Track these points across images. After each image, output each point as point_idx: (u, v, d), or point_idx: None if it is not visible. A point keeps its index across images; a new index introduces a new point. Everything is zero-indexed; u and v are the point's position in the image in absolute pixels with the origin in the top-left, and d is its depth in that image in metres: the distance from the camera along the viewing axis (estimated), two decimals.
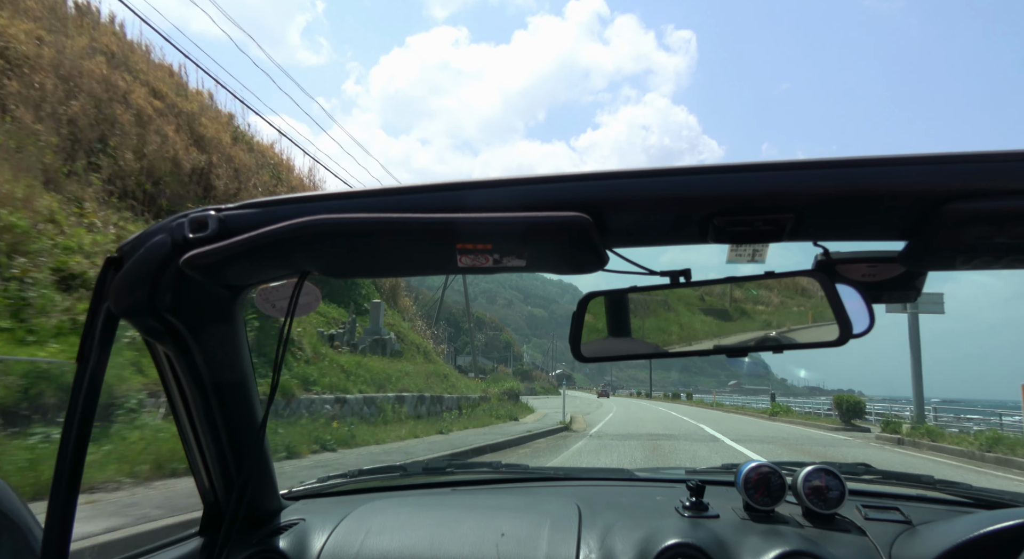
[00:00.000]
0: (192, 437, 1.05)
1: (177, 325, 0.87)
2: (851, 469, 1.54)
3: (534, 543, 1.10)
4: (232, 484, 1.08)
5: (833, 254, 0.88)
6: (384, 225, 0.74)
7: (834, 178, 0.69)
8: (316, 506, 1.34)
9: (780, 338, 0.86)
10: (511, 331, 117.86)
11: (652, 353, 0.91)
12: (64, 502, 0.81)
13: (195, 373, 0.95)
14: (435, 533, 1.14)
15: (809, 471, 1.18)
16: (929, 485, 1.46)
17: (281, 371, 0.95)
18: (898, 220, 0.71)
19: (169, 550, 1.09)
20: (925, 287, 0.92)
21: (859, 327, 0.83)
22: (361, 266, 0.86)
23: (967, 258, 0.73)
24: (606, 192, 0.73)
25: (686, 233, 0.77)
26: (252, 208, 0.83)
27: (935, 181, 0.66)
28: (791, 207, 0.71)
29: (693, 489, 1.22)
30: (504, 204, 0.73)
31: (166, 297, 0.83)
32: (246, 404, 1.05)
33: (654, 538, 1.06)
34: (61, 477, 0.81)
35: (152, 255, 0.81)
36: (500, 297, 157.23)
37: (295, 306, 0.93)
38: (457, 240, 0.74)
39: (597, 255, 0.76)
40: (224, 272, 0.82)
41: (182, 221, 0.82)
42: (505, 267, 0.79)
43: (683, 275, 0.85)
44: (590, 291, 0.91)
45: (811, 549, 0.99)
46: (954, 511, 1.27)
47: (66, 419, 0.82)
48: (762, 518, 1.15)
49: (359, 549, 1.11)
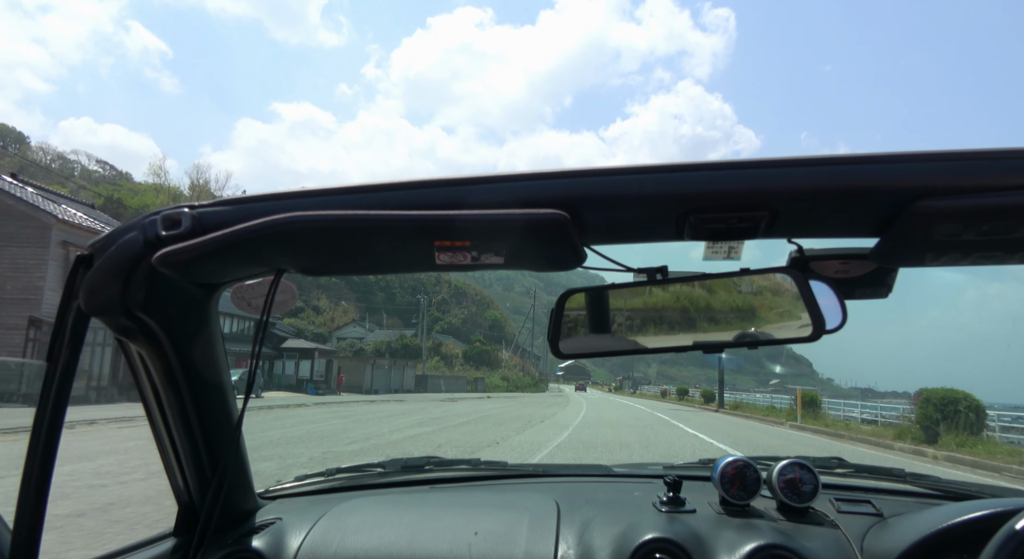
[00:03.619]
0: (166, 437, 1.03)
1: (150, 323, 0.86)
2: (824, 463, 1.57)
3: (513, 540, 1.10)
4: (207, 484, 1.06)
5: (806, 251, 0.90)
6: (360, 222, 0.73)
7: (808, 176, 0.70)
8: (293, 505, 1.33)
9: (755, 334, 0.87)
10: (503, 309, 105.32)
11: (630, 349, 0.91)
12: (33, 504, 0.79)
13: (169, 372, 0.94)
14: (413, 531, 1.14)
15: (783, 465, 1.20)
16: (900, 478, 1.49)
17: (257, 369, 0.94)
18: (869, 217, 0.73)
19: (143, 551, 1.07)
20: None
21: (832, 323, 0.85)
22: (337, 264, 0.86)
23: (936, 255, 0.75)
24: (584, 189, 0.73)
25: (663, 230, 0.78)
26: (226, 205, 0.82)
27: (905, 179, 0.68)
28: (766, 205, 0.72)
29: (670, 484, 1.24)
30: (482, 201, 0.73)
31: (138, 295, 0.81)
32: (221, 403, 1.03)
33: (632, 533, 1.07)
34: (30, 478, 0.79)
35: (123, 253, 0.80)
36: (518, 284, 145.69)
37: (271, 304, 0.92)
38: (435, 237, 0.74)
39: (575, 252, 0.77)
40: (198, 270, 0.81)
41: (154, 218, 0.80)
42: (483, 264, 0.79)
43: (660, 272, 0.86)
44: (569, 288, 0.92)
45: (785, 542, 1.01)
46: (924, 503, 1.30)
47: (35, 419, 0.80)
48: (738, 512, 1.17)
49: (336, 548, 1.10)
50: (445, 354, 66.05)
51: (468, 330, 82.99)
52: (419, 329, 46.71)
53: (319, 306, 64.04)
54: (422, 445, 10.52)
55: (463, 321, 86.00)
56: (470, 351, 71.36)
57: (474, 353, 71.56)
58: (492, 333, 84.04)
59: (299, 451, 8.98)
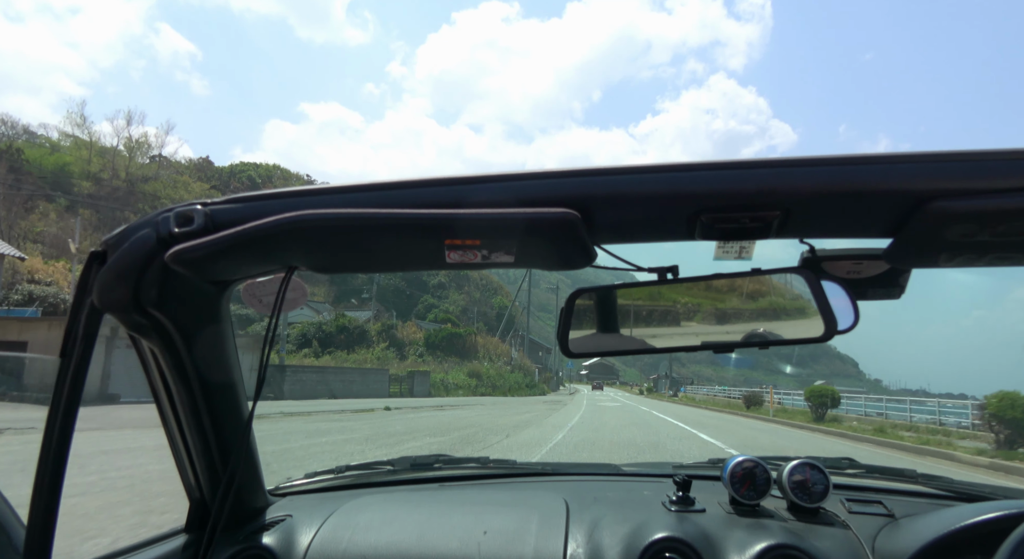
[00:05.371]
0: (178, 433, 1.04)
1: (162, 320, 0.86)
2: (835, 463, 1.56)
3: (522, 538, 1.10)
4: (218, 481, 1.07)
5: (819, 251, 0.89)
6: (372, 221, 0.73)
7: (820, 176, 0.69)
8: (303, 502, 1.34)
9: (766, 334, 0.87)
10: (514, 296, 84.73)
11: (640, 349, 0.91)
12: (47, 500, 0.80)
13: (181, 369, 0.94)
14: (422, 529, 1.14)
15: (794, 465, 1.19)
16: (911, 479, 1.48)
17: (267, 366, 0.94)
18: (883, 218, 0.72)
19: (154, 547, 1.08)
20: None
21: (844, 324, 0.84)
22: (348, 262, 0.86)
23: (950, 256, 0.74)
24: (594, 188, 0.73)
25: (674, 230, 0.78)
26: (239, 202, 0.82)
27: (919, 179, 0.67)
28: (778, 204, 0.71)
29: (680, 484, 1.23)
30: (493, 200, 0.73)
31: (151, 292, 0.82)
32: (232, 400, 1.04)
33: (641, 532, 1.07)
34: (44, 475, 0.80)
35: (137, 250, 0.80)
36: (544, 280, 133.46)
37: (282, 302, 0.92)
38: (445, 236, 0.74)
39: (586, 251, 0.77)
40: (210, 267, 0.81)
41: (167, 215, 0.81)
42: (494, 263, 0.79)
43: (671, 271, 0.86)
44: (579, 287, 0.92)
45: (795, 542, 1.00)
46: (936, 504, 1.29)
47: (49, 415, 0.81)
48: (747, 512, 1.16)
49: (346, 546, 1.11)
50: (400, 339, 47.51)
51: (470, 319, 64.43)
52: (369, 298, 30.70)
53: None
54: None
55: (463, 309, 68.60)
56: (434, 336, 50.00)
57: (440, 338, 49.72)
58: (498, 324, 62.97)
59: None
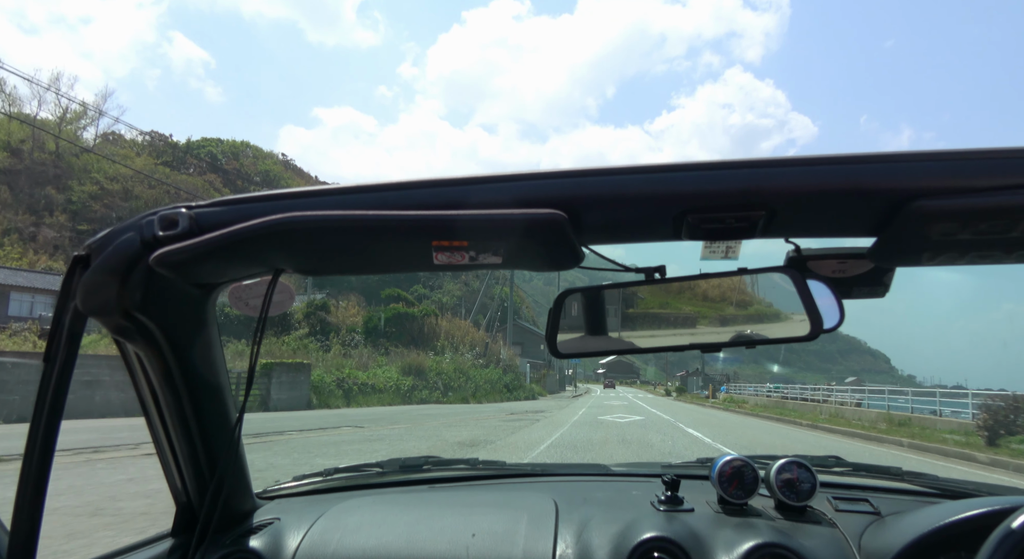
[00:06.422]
0: (164, 437, 1.03)
1: (147, 324, 0.86)
2: (822, 462, 1.58)
3: (511, 539, 1.10)
4: (205, 484, 1.06)
5: (804, 250, 0.90)
6: (358, 222, 0.73)
7: (804, 176, 0.70)
8: (291, 505, 1.33)
9: (752, 334, 0.87)
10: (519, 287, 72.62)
11: (628, 349, 0.91)
12: (31, 503, 0.79)
13: (167, 373, 0.94)
14: (411, 531, 1.14)
15: (781, 464, 1.20)
16: (897, 477, 1.50)
17: (256, 368, 0.94)
18: (866, 217, 0.73)
19: (141, 551, 1.07)
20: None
21: (829, 322, 0.85)
22: (335, 264, 0.86)
23: (933, 254, 0.75)
24: (581, 189, 0.74)
25: (661, 230, 0.78)
26: (224, 205, 0.82)
27: (902, 179, 0.68)
28: (763, 204, 0.72)
29: (668, 483, 1.24)
30: (480, 201, 0.74)
31: (135, 295, 0.81)
32: (219, 403, 1.03)
33: (630, 532, 1.07)
34: (28, 478, 0.79)
35: (121, 253, 0.80)
36: (542, 276, 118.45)
37: (269, 304, 0.92)
38: (433, 237, 0.74)
39: (573, 252, 0.77)
40: (195, 270, 0.81)
41: (151, 218, 0.80)
42: (481, 264, 0.79)
43: (658, 271, 0.86)
44: (567, 288, 0.92)
45: (783, 541, 1.01)
46: (921, 502, 1.30)
47: (33, 418, 0.80)
48: (736, 511, 1.17)
49: (335, 548, 1.10)
50: (334, 324, 32.41)
51: (466, 311, 52.60)
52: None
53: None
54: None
55: (459, 299, 58.44)
56: (373, 319, 35.42)
57: (383, 321, 35.26)
58: (498, 316, 51.30)
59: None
